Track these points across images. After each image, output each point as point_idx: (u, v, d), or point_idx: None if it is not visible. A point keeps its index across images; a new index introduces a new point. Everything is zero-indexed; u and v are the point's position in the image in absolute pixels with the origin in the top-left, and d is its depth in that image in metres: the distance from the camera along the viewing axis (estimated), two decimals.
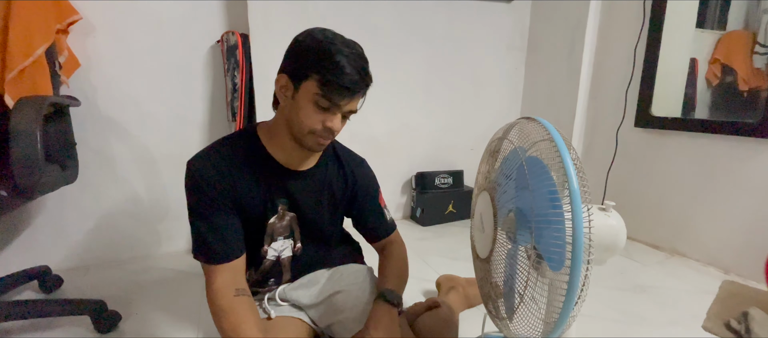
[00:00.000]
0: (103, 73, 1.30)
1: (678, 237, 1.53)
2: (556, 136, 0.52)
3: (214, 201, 0.69)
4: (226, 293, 0.69)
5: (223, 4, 1.42)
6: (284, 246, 0.81)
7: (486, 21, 1.89)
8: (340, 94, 0.66)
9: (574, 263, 0.47)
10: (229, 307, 0.68)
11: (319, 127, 0.68)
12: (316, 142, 0.71)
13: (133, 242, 1.45)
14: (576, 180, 0.48)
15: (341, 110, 0.69)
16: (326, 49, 0.65)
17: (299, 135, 0.70)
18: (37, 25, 0.98)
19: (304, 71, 0.66)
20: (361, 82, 0.68)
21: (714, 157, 1.40)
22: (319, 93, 0.65)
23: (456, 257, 1.44)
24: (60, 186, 1.06)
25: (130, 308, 1.09)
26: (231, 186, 0.71)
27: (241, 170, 0.72)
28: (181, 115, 1.43)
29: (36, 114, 0.82)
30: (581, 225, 0.46)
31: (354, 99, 0.69)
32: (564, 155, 0.49)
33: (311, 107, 0.67)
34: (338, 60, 0.64)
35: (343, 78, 0.65)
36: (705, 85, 1.58)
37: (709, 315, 1.09)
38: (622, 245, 0.61)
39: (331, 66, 0.64)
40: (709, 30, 1.57)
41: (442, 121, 1.94)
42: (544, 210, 0.51)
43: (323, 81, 0.65)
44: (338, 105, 0.67)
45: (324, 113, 0.68)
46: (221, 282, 0.69)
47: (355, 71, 0.66)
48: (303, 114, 0.68)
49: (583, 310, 1.09)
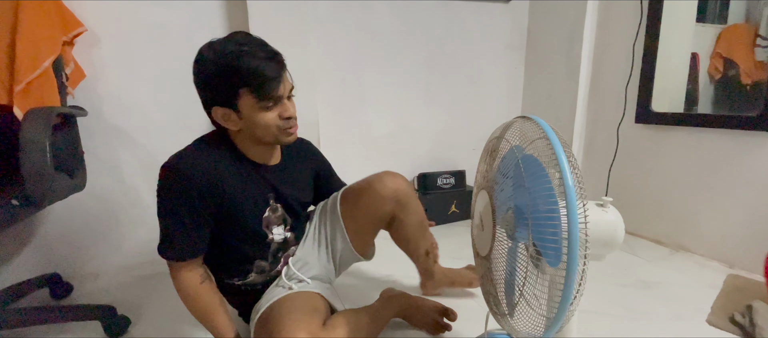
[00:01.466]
0: (109, 83, 1.33)
1: (681, 232, 1.53)
2: (551, 133, 0.53)
3: (193, 204, 0.72)
4: (193, 282, 0.77)
5: (225, 11, 1.44)
6: (282, 233, 0.89)
7: (484, 21, 1.90)
8: (273, 87, 0.71)
9: (571, 258, 0.48)
10: (196, 293, 0.77)
11: (280, 122, 0.75)
12: (286, 134, 0.77)
13: (140, 248, 1.47)
14: (570, 176, 0.49)
15: (283, 95, 0.75)
16: (233, 65, 0.68)
17: (271, 138, 0.77)
18: (44, 38, 1.00)
19: (231, 94, 0.71)
20: (277, 65, 0.71)
21: (716, 151, 1.40)
22: (259, 100, 0.71)
23: (459, 257, 1.45)
24: (69, 194, 1.08)
25: (139, 313, 1.11)
26: (219, 191, 0.74)
27: (229, 171, 0.76)
28: (185, 123, 1.45)
29: (45, 124, 0.84)
30: (576, 220, 0.47)
31: (283, 80, 0.74)
32: (558, 152, 0.50)
33: (262, 114, 0.73)
34: (249, 65, 0.68)
35: (264, 74, 0.69)
36: (707, 80, 1.57)
37: (713, 309, 1.09)
38: (621, 240, 0.62)
39: (249, 74, 0.69)
40: (709, 24, 1.56)
41: (443, 122, 1.95)
42: (541, 207, 0.52)
43: (254, 89, 0.70)
44: (279, 95, 0.73)
45: (274, 109, 0.74)
46: (187, 274, 0.76)
47: (266, 61, 0.70)
48: (260, 121, 0.73)
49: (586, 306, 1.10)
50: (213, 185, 0.73)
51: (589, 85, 1.78)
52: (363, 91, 1.74)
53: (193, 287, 0.77)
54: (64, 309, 1.08)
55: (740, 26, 1.51)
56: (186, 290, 0.77)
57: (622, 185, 1.71)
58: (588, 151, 1.85)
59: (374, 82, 1.76)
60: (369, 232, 0.97)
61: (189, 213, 0.72)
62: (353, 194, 0.95)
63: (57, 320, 1.03)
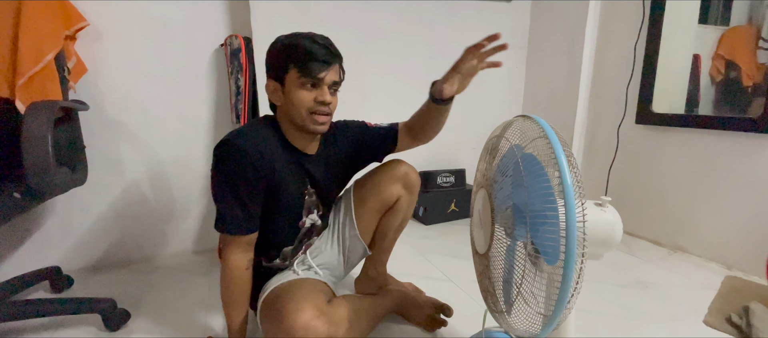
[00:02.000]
0: (110, 78, 1.33)
1: (680, 233, 1.53)
2: (551, 133, 0.53)
3: (249, 178, 0.75)
4: (241, 265, 0.79)
5: (226, 8, 1.45)
6: (316, 218, 0.94)
7: (486, 20, 1.90)
8: (317, 67, 0.76)
9: (568, 256, 0.48)
10: (239, 277, 0.80)
11: (312, 103, 0.78)
12: (315, 122, 0.80)
13: (141, 242, 1.48)
14: (569, 175, 0.49)
15: (324, 82, 0.78)
16: (292, 43, 0.77)
17: (301, 121, 0.80)
18: (47, 32, 1.00)
19: (283, 68, 0.78)
20: (329, 53, 0.78)
21: (715, 152, 1.40)
22: (301, 76, 0.76)
23: (458, 255, 1.46)
24: (70, 188, 1.08)
25: (139, 306, 1.12)
26: (270, 169, 0.78)
27: (278, 153, 0.80)
28: (186, 118, 1.46)
29: (47, 118, 0.85)
30: (574, 219, 0.48)
31: (330, 69, 0.78)
32: (558, 152, 0.51)
33: (300, 91, 0.78)
34: (304, 45, 0.76)
35: (313, 55, 0.76)
36: (709, 82, 1.57)
37: (710, 310, 1.09)
38: (619, 239, 0.62)
39: (301, 52, 0.76)
40: (712, 26, 1.56)
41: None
42: (539, 205, 0.53)
43: (300, 65, 0.76)
44: (320, 78, 0.77)
45: (312, 91, 0.78)
46: (238, 253, 0.79)
47: (321, 47, 0.77)
48: (296, 100, 0.78)
49: (584, 306, 1.11)
50: (265, 162, 0.76)
51: (590, 85, 1.78)
52: (364, 89, 1.74)
53: (239, 269, 0.79)
54: (64, 302, 1.08)
55: (743, 28, 1.51)
56: (231, 270, 0.79)
57: (622, 185, 1.72)
58: (588, 150, 1.85)
59: (375, 81, 1.76)
60: (374, 215, 1.00)
61: (246, 187, 0.75)
62: (367, 177, 1.01)
63: (57, 313, 1.03)
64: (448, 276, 1.29)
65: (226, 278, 0.80)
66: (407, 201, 1.00)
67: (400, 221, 1.03)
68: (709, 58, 1.56)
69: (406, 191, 0.99)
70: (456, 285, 1.22)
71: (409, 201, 1.01)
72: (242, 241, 0.79)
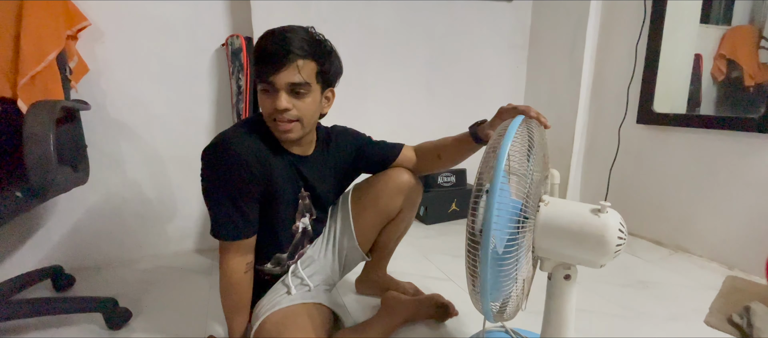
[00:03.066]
0: (112, 78, 1.34)
1: (681, 233, 1.53)
2: (515, 122, 0.58)
3: (244, 181, 0.71)
4: (239, 269, 0.77)
5: (227, 8, 1.45)
6: (307, 223, 0.91)
7: (487, 20, 1.90)
8: (266, 70, 0.69)
9: (486, 226, 0.54)
10: (238, 282, 0.77)
11: (271, 110, 0.72)
12: (277, 129, 0.74)
13: (142, 241, 1.48)
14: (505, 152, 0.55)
15: (277, 85, 0.70)
16: (258, 41, 0.71)
17: (271, 128, 0.76)
18: (49, 32, 1.01)
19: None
20: (281, 50, 0.68)
21: (716, 152, 1.40)
22: (258, 81, 0.72)
23: (458, 255, 1.46)
24: (72, 187, 1.09)
25: (140, 305, 1.12)
26: (267, 171, 0.75)
27: (272, 155, 0.77)
28: (187, 117, 1.46)
29: (49, 118, 0.85)
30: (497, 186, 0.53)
31: (284, 70, 0.69)
32: (506, 140, 0.55)
33: (262, 96, 0.73)
34: (260, 43, 0.70)
35: (264, 54, 0.69)
36: (710, 81, 1.57)
37: (711, 310, 1.09)
38: (611, 245, 0.59)
39: (257, 51, 0.70)
40: (713, 25, 1.55)
41: (445, 120, 1.95)
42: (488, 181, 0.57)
43: (256, 67, 0.71)
44: (270, 81, 0.70)
45: (269, 96, 0.72)
46: (236, 258, 0.76)
47: (274, 44, 0.69)
48: (261, 105, 0.74)
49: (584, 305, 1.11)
50: (261, 164, 0.73)
51: (591, 84, 1.78)
52: (365, 89, 1.74)
53: (238, 274, 0.77)
54: (66, 301, 1.09)
55: (745, 28, 1.50)
56: (229, 276, 0.76)
57: (623, 185, 1.71)
58: (589, 150, 1.85)
59: (376, 80, 1.76)
60: (375, 227, 0.96)
61: (241, 189, 0.72)
62: (365, 186, 0.96)
63: (59, 311, 1.04)
64: (449, 275, 1.29)
65: (225, 284, 0.77)
66: (409, 213, 0.98)
67: (402, 230, 1.01)
68: (711, 57, 1.55)
69: (409, 203, 0.95)
70: (457, 285, 1.22)
71: (411, 212, 0.98)
72: (241, 246, 0.76)
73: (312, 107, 0.74)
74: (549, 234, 0.64)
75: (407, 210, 0.96)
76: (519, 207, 0.59)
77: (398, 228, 0.99)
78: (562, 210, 0.64)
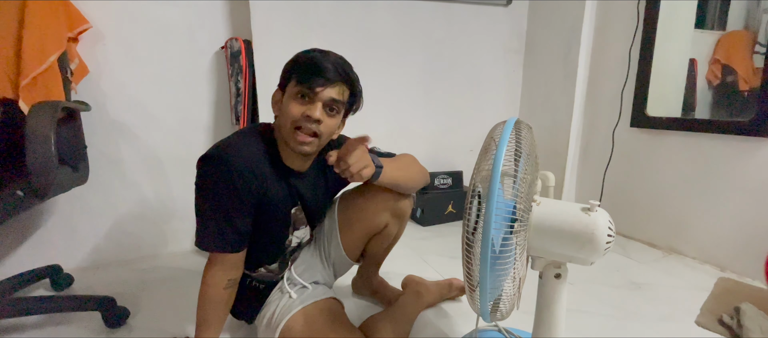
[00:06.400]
0: (112, 79, 1.35)
1: (674, 235, 1.55)
2: (507, 131, 0.59)
3: (238, 192, 0.70)
4: (219, 283, 0.76)
5: (227, 10, 1.47)
6: (305, 234, 0.93)
7: (483, 24, 1.92)
8: (315, 81, 0.71)
9: (487, 223, 0.55)
10: (213, 297, 0.77)
11: (299, 116, 0.72)
12: (296, 139, 0.74)
13: (140, 242, 1.49)
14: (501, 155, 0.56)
15: (318, 97, 0.72)
16: (303, 54, 0.75)
17: (286, 135, 0.75)
18: (50, 33, 1.02)
19: (287, 77, 0.75)
20: (333, 71, 0.73)
21: (709, 155, 1.42)
22: (297, 84, 0.72)
23: (455, 256, 1.47)
24: (71, 187, 1.10)
25: (138, 304, 1.13)
26: (263, 185, 0.74)
27: (268, 169, 0.76)
28: (186, 119, 1.48)
29: (50, 118, 0.86)
30: (497, 185, 0.55)
31: (329, 86, 0.72)
32: (502, 141, 0.57)
33: (293, 101, 0.73)
34: (312, 56, 0.73)
35: (316, 67, 0.72)
36: (705, 86, 1.59)
37: (702, 310, 1.10)
38: (601, 243, 0.61)
39: (306, 62, 0.73)
40: (708, 30, 1.57)
41: (441, 123, 1.97)
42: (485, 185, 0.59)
43: (300, 74, 0.72)
44: (314, 91, 0.72)
45: (304, 103, 0.73)
46: (220, 272, 0.76)
47: (328, 62, 0.73)
48: (287, 109, 0.73)
49: (577, 306, 1.12)
50: (256, 178, 0.72)
51: (585, 88, 1.80)
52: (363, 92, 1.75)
53: (216, 289, 0.76)
54: (64, 300, 1.10)
55: (739, 33, 1.52)
56: (208, 288, 0.76)
57: (617, 188, 1.73)
58: (584, 153, 1.87)
59: (374, 83, 1.77)
60: (361, 239, 0.96)
61: (234, 203, 0.71)
62: (352, 197, 0.96)
63: (58, 310, 1.04)
64: (446, 277, 1.30)
65: (202, 295, 0.76)
66: (396, 226, 0.97)
67: (392, 241, 1.00)
68: (706, 62, 1.58)
69: (395, 218, 0.94)
70: None
71: (398, 224, 0.97)
72: (227, 260, 0.75)
73: (333, 127, 0.78)
74: (542, 233, 0.65)
75: (393, 224, 0.95)
76: (512, 208, 0.61)
77: (385, 240, 0.98)
78: (554, 210, 0.66)
